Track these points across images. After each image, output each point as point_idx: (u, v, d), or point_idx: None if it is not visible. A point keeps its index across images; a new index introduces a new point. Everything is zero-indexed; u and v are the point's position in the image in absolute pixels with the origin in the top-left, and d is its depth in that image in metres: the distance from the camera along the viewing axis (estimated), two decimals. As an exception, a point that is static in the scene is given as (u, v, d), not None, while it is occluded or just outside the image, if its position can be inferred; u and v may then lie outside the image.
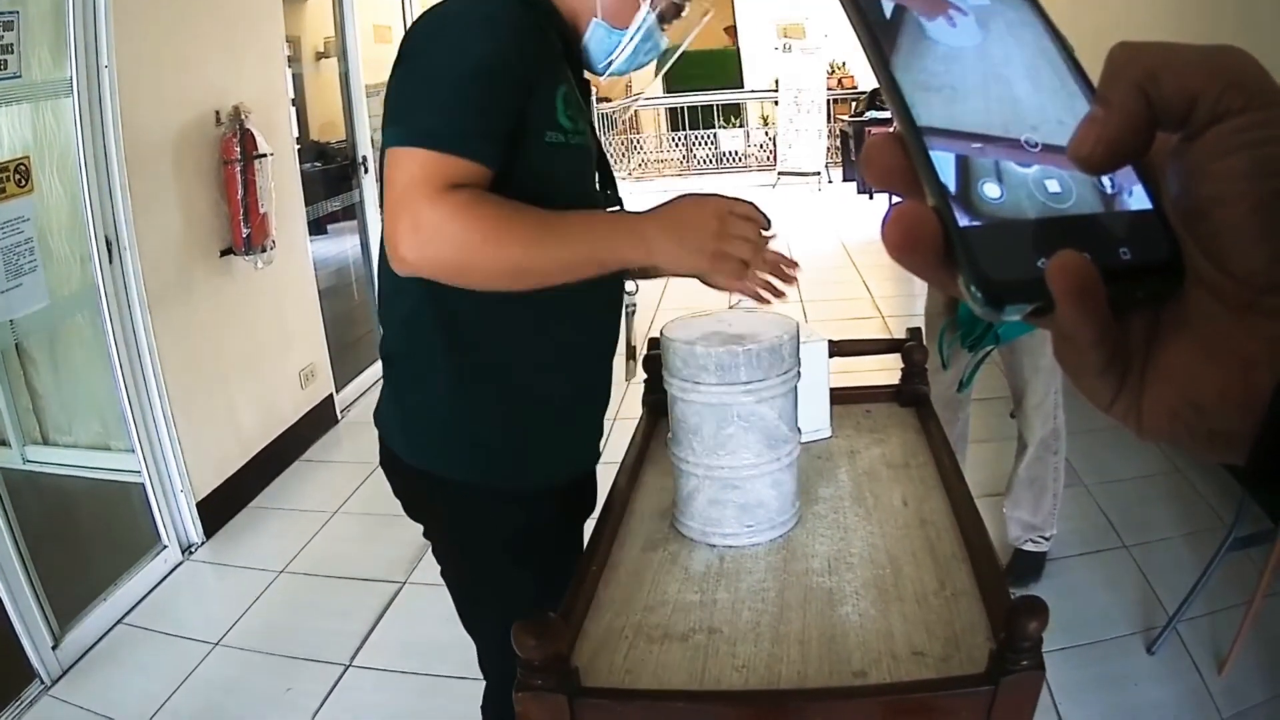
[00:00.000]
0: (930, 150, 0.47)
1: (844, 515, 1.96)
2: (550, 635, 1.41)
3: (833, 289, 8.54)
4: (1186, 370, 0.46)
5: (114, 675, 3.89)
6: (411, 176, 1.74)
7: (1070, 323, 0.45)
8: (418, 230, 1.73)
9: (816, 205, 13.71)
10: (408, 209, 1.74)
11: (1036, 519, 3.95)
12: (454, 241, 1.74)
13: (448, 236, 1.73)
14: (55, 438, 5.29)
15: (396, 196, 1.76)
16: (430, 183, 1.73)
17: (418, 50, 1.85)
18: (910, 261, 0.48)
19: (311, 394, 6.14)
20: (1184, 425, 0.47)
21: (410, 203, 1.74)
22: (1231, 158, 0.43)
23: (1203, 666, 3.40)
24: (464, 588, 2.33)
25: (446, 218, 1.73)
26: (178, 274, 4.83)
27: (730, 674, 1.50)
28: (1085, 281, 0.44)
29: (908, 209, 0.47)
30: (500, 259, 1.77)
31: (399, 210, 1.75)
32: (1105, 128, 0.45)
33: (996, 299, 0.45)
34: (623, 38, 2.03)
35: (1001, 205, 0.46)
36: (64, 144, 4.27)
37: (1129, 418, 0.50)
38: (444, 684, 2.85)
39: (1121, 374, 0.48)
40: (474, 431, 2.12)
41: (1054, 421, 3.82)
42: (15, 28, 3.71)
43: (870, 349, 2.75)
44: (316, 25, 9.46)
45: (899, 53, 0.49)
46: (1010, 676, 1.34)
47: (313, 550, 4.86)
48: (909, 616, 1.59)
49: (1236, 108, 0.43)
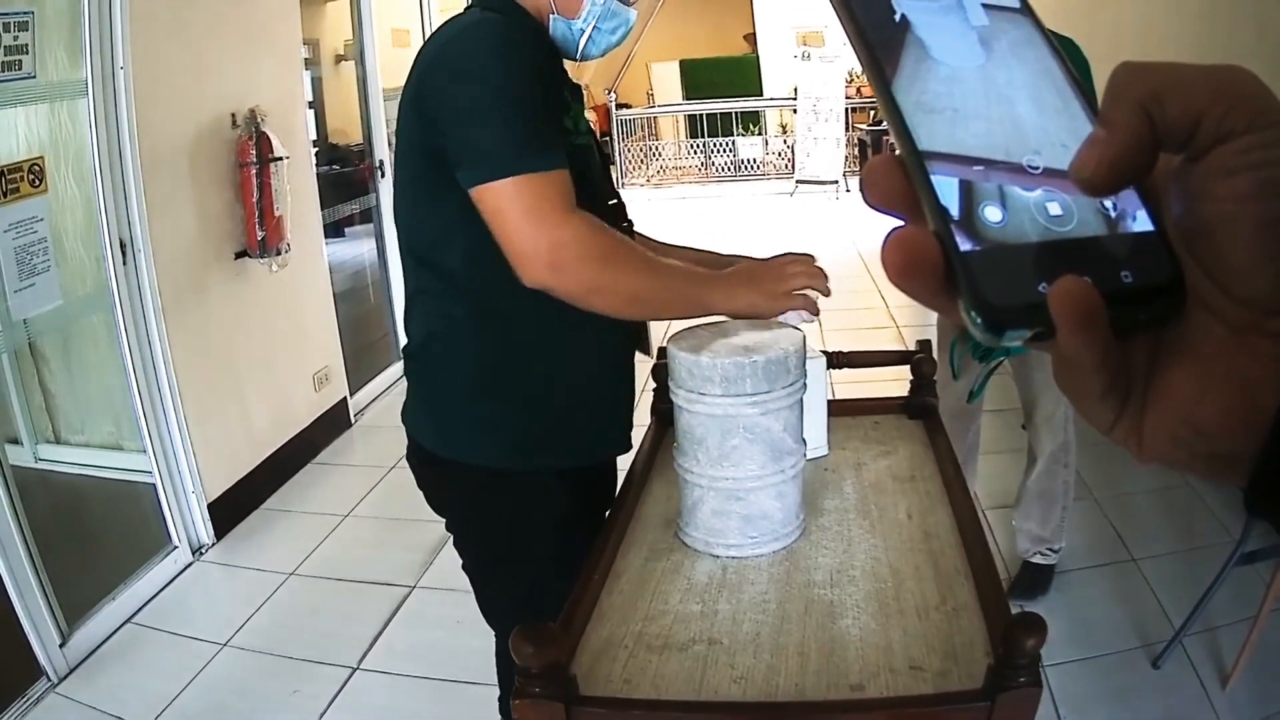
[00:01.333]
0: (931, 174, 0.47)
1: (848, 528, 1.96)
2: (548, 643, 1.41)
3: (849, 298, 8.52)
4: (1188, 393, 0.46)
5: (121, 674, 3.90)
6: (533, 201, 1.87)
7: (1072, 348, 0.44)
8: (557, 249, 1.87)
9: (834, 214, 13.68)
10: (545, 232, 1.87)
11: (1045, 531, 3.93)
12: (594, 263, 1.90)
13: (590, 258, 1.90)
14: (68, 437, 5.31)
15: (522, 223, 1.88)
16: (554, 203, 1.87)
17: (469, 76, 1.93)
18: (910, 286, 0.47)
19: (325, 397, 6.13)
20: (1185, 448, 0.47)
21: (548, 222, 1.87)
22: (1235, 179, 0.42)
23: (1207, 681, 3.38)
24: (485, 576, 2.38)
25: (585, 236, 1.89)
26: (192, 276, 4.84)
27: (728, 685, 1.49)
28: (1087, 307, 0.43)
29: (908, 234, 0.47)
30: (628, 284, 1.95)
31: (536, 234, 1.87)
32: (1108, 149, 0.44)
33: (997, 325, 0.45)
34: (582, 26, 2.12)
35: (1003, 229, 0.46)
36: (79, 145, 4.28)
37: (1130, 441, 0.49)
38: (452, 688, 2.85)
39: (1123, 397, 0.48)
40: (495, 416, 2.21)
41: (1064, 434, 3.81)
42: (30, 28, 3.73)
43: (880, 360, 2.74)
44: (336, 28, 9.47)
45: (899, 74, 0.49)
46: (1007, 693, 1.33)
47: (323, 553, 4.86)
48: (909, 630, 1.59)
49: (1240, 128, 0.42)
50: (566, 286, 1.93)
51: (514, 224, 1.89)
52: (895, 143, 0.48)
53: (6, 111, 3.97)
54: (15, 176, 3.77)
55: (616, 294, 1.96)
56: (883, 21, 0.50)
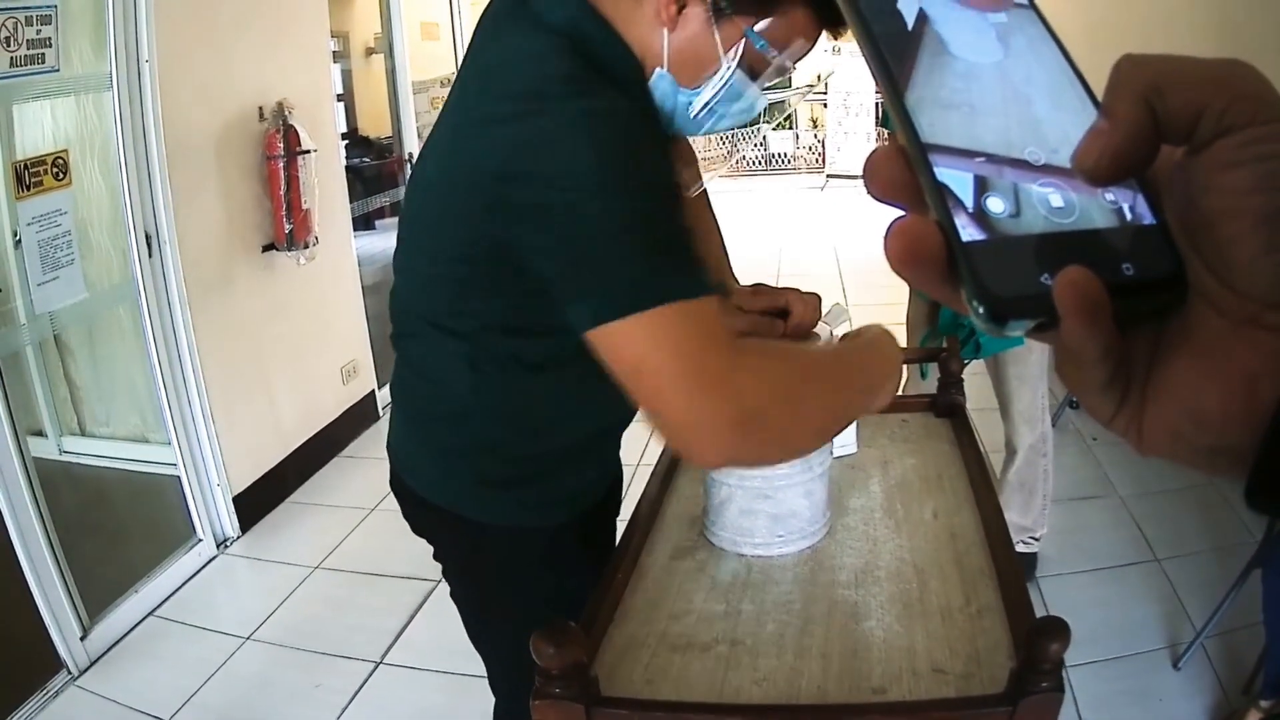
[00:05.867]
0: (934, 164, 0.47)
1: (874, 527, 1.94)
2: (570, 643, 1.39)
3: (879, 293, 8.46)
4: (1188, 385, 0.46)
5: (142, 667, 3.92)
6: (689, 339, 1.35)
7: (1075, 338, 0.45)
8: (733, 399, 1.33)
9: (864, 209, 13.65)
10: (710, 377, 1.34)
11: (1027, 520, 4.02)
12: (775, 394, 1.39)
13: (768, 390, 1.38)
14: (92, 429, 5.34)
15: (673, 373, 1.34)
16: (718, 337, 1.36)
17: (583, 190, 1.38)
18: (913, 275, 0.47)
19: (353, 390, 6.15)
20: (1185, 441, 0.47)
21: (711, 370, 1.34)
22: (1236, 172, 0.43)
23: (1227, 684, 3.38)
24: (473, 612, 2.16)
25: (761, 369, 1.40)
26: (218, 269, 4.85)
27: (750, 687, 1.48)
28: (1092, 297, 0.43)
29: (911, 223, 0.47)
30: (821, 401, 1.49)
31: (694, 387, 1.33)
32: (1110, 139, 0.45)
33: (1000, 314, 0.45)
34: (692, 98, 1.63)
35: (1005, 220, 0.46)
36: (105, 138, 4.29)
37: (1130, 433, 0.49)
38: (474, 684, 2.83)
39: (1124, 389, 0.48)
40: (490, 473, 1.90)
41: (1041, 426, 3.91)
42: (54, 21, 3.73)
43: (909, 358, 2.72)
44: (366, 20, 9.52)
45: (903, 66, 0.49)
46: (1029, 698, 1.32)
47: (348, 547, 4.88)
48: (932, 633, 1.57)
49: (1242, 122, 0.43)
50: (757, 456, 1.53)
51: (663, 378, 1.35)
52: (899, 134, 0.49)
53: (30, 105, 3.99)
54: (39, 170, 3.78)
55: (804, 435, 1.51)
56: (886, 13, 0.50)
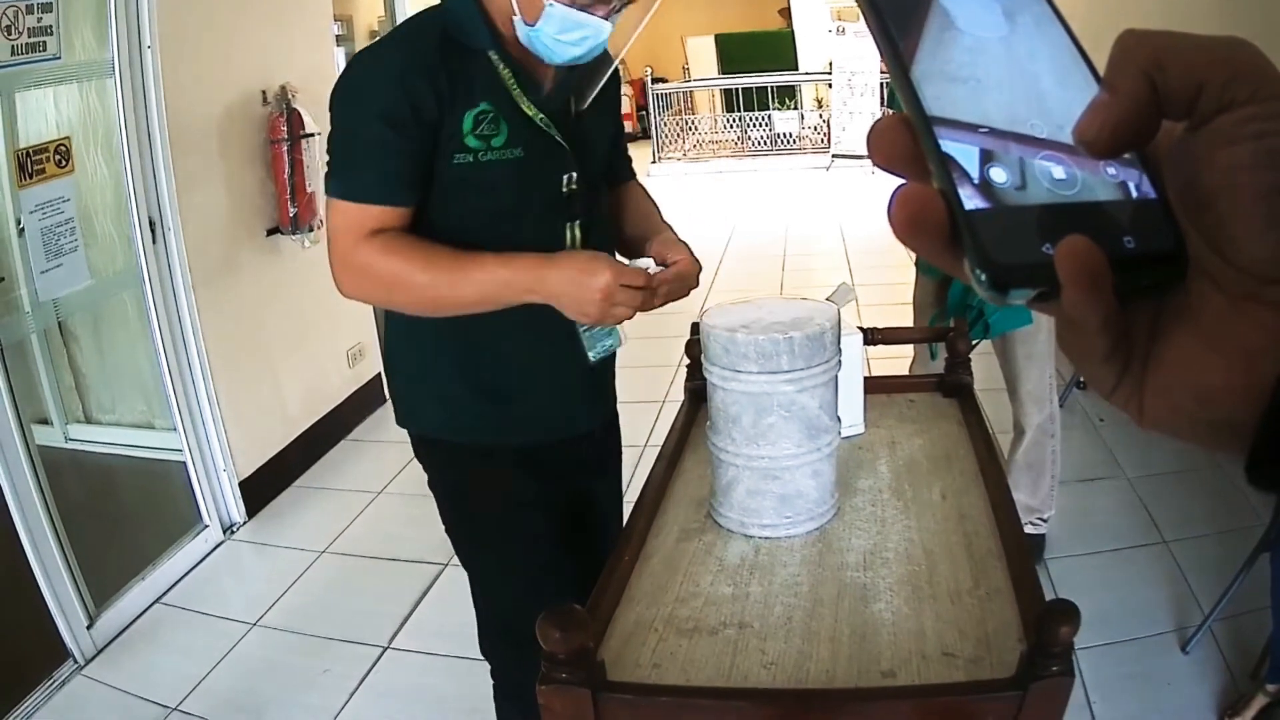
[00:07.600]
0: (937, 134, 0.47)
1: (882, 508, 1.93)
2: (575, 627, 1.39)
3: (884, 273, 8.48)
4: (1188, 361, 0.47)
5: (149, 655, 3.92)
6: (337, 225, 2.10)
7: (1076, 307, 0.45)
8: (347, 271, 2.11)
9: (870, 188, 13.62)
10: (337, 254, 2.10)
11: (1035, 501, 4.01)
12: (377, 282, 2.11)
13: (371, 278, 2.10)
14: (98, 416, 5.34)
15: (330, 242, 2.12)
16: (351, 231, 2.07)
17: (332, 112, 2.12)
18: (915, 243, 0.48)
19: (359, 373, 6.14)
20: (1185, 415, 0.48)
21: (339, 249, 2.10)
22: (1236, 148, 0.43)
23: (1235, 667, 3.36)
24: (452, 535, 2.63)
25: (367, 262, 2.08)
26: (223, 253, 4.85)
27: (759, 671, 1.47)
28: (1093, 266, 0.44)
29: (914, 190, 0.47)
30: (415, 297, 2.13)
31: (332, 254, 2.12)
32: (1111, 112, 0.45)
33: (1002, 283, 0.45)
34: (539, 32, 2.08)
35: (1007, 190, 0.47)
36: (108, 124, 4.28)
37: (1130, 406, 0.50)
38: (482, 667, 2.84)
39: (1124, 362, 0.49)
40: (442, 388, 2.37)
41: (1050, 407, 3.91)
42: (55, 9, 3.72)
43: (915, 337, 2.71)
44: (369, 3, 9.49)
45: (907, 37, 0.49)
46: (1040, 682, 1.31)
47: (355, 531, 4.88)
48: (941, 615, 1.56)
49: (1242, 98, 0.43)
50: (363, 300, 2.24)
51: (328, 240, 2.14)
52: (904, 106, 0.49)
53: (32, 93, 3.96)
54: (41, 158, 3.77)
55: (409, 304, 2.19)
56: None
